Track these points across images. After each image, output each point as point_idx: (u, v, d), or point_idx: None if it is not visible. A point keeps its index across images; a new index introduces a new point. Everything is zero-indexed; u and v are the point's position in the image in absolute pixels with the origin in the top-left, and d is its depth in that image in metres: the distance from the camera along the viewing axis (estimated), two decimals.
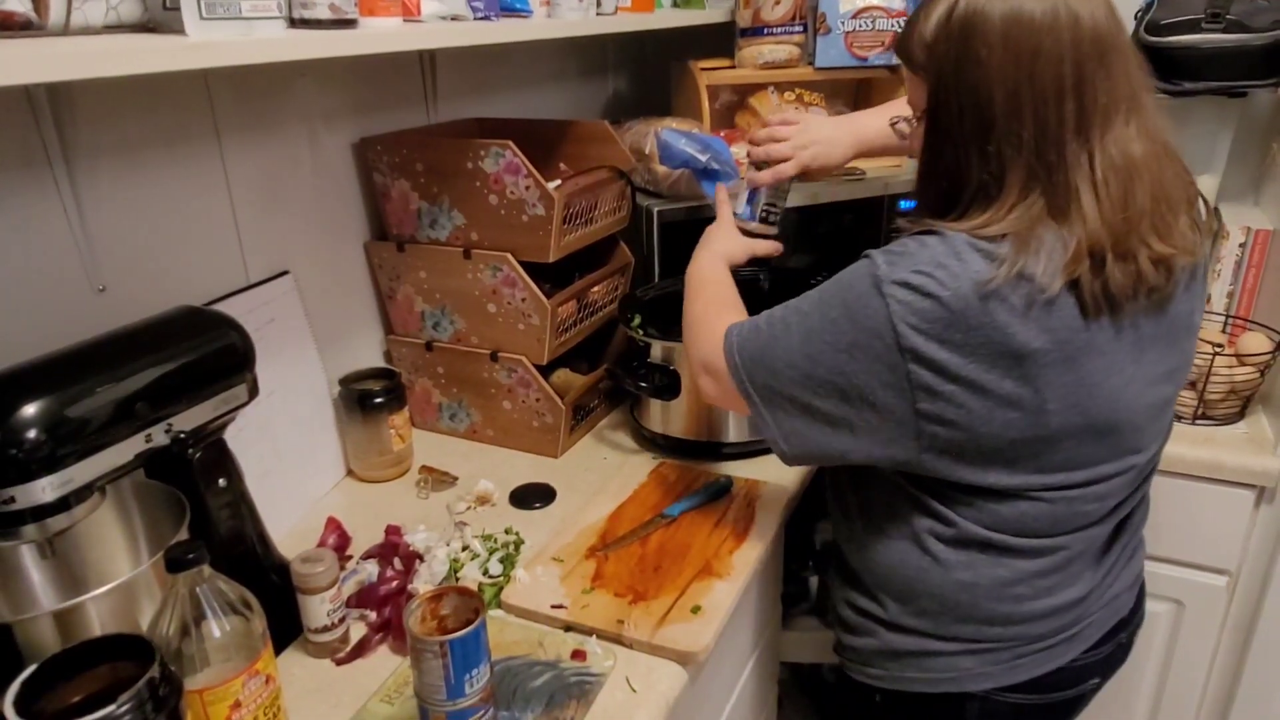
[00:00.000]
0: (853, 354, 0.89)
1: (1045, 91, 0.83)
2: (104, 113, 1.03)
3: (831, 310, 0.91)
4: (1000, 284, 0.83)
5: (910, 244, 0.88)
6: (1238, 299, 1.67)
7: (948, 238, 0.87)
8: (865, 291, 0.88)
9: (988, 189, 0.87)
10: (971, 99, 0.86)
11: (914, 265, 0.86)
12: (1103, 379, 0.88)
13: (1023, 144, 0.85)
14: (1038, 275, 0.83)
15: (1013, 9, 0.84)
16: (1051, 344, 0.85)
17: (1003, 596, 0.98)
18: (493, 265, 1.37)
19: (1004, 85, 0.84)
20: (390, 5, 1.01)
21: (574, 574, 1.12)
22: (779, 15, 1.81)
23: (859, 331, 0.88)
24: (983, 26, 0.84)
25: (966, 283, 0.83)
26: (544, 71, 1.90)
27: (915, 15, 0.93)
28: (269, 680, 0.83)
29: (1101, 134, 0.85)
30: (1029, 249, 0.84)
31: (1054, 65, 0.83)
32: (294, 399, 1.30)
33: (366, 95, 1.43)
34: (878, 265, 0.88)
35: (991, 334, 0.84)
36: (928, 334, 0.85)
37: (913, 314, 0.85)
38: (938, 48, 0.88)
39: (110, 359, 0.87)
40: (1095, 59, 0.84)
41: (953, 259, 0.85)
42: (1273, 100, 1.69)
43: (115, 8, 0.82)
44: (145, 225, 1.10)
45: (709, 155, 1.59)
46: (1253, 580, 1.53)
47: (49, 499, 0.79)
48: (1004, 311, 0.83)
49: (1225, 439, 1.51)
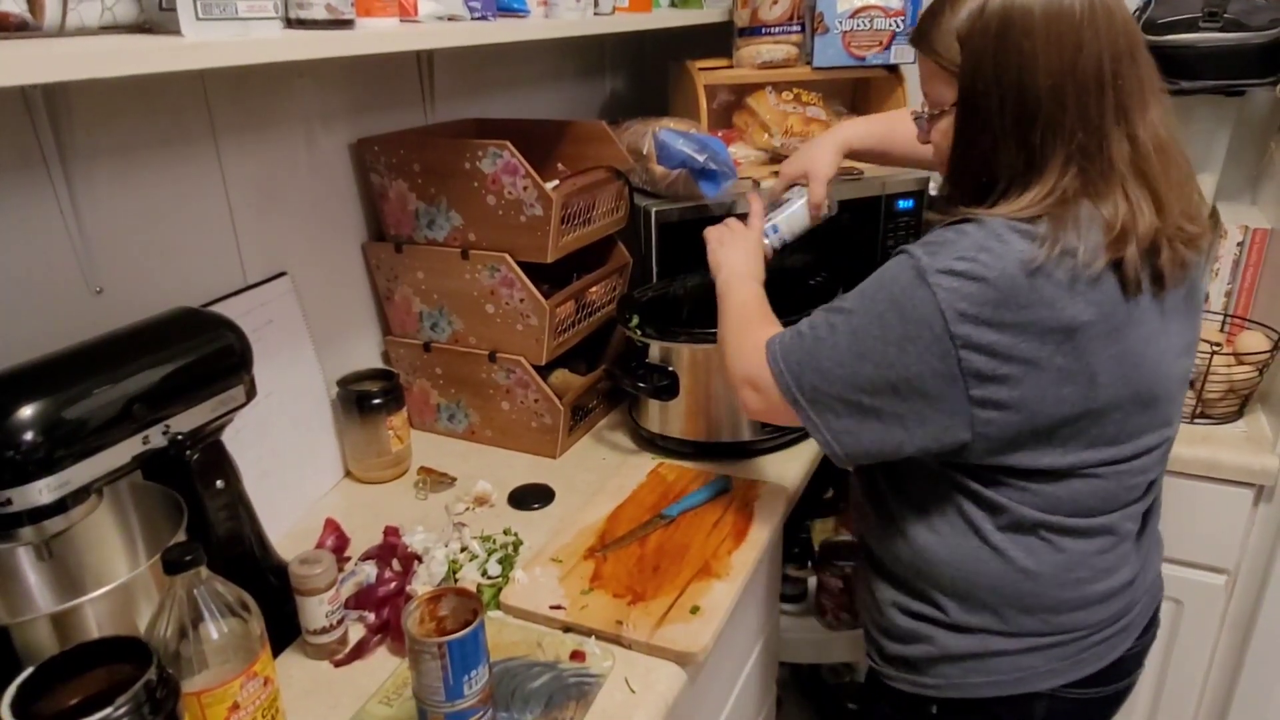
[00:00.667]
0: (903, 347, 0.89)
1: (1087, 82, 0.85)
2: (100, 114, 1.02)
3: (877, 305, 0.91)
4: (1045, 261, 0.84)
5: (948, 234, 0.90)
6: (1236, 298, 1.67)
7: (986, 224, 0.88)
8: (910, 283, 0.88)
9: (1025, 175, 0.89)
10: (1014, 92, 0.87)
11: (956, 253, 0.87)
12: (1144, 349, 0.90)
13: (1065, 131, 0.86)
14: (1080, 251, 0.85)
15: (1053, 3, 0.85)
16: (1098, 316, 0.86)
17: (1065, 581, 0.97)
18: (491, 266, 1.36)
19: (1049, 77, 0.85)
20: (387, 5, 1.01)
21: (573, 575, 1.12)
22: (777, 15, 1.81)
23: (908, 324, 0.88)
24: (1023, 20, 0.86)
25: (1012, 263, 0.85)
26: (541, 72, 1.90)
27: (938, 8, 0.93)
28: (267, 682, 0.83)
29: (1141, 118, 0.88)
30: (1067, 226, 0.86)
31: (1094, 58, 0.85)
32: (292, 400, 1.30)
33: (364, 96, 1.43)
34: (918, 258, 0.89)
35: (1041, 311, 0.85)
36: (977, 318, 0.85)
37: (961, 299, 0.86)
38: (973, 41, 0.89)
39: (107, 360, 0.87)
40: (1128, 53, 0.87)
41: (995, 241, 0.86)
42: (1270, 99, 1.69)
43: (111, 8, 0.82)
44: (142, 227, 1.10)
45: (707, 155, 1.59)
46: (1251, 579, 1.53)
47: (46, 501, 0.79)
48: (1051, 287, 0.85)
49: (1224, 438, 1.51)
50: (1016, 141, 0.89)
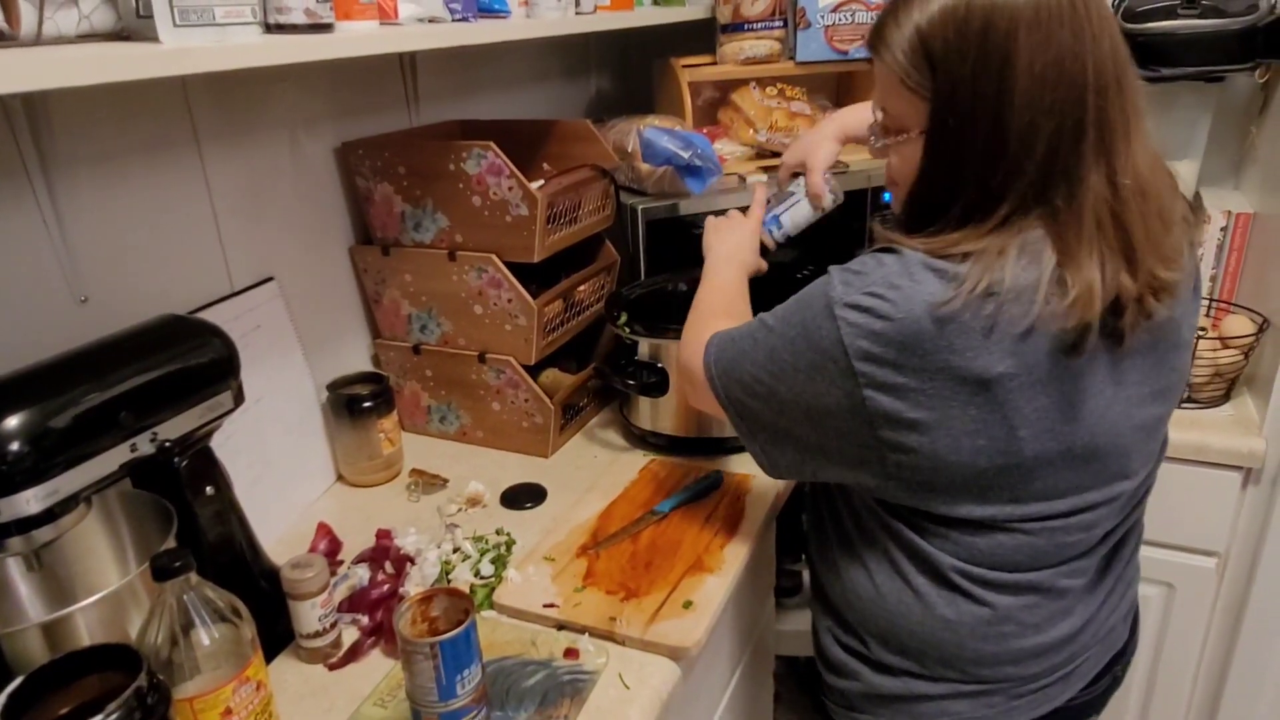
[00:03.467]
0: (811, 376, 0.85)
1: (1065, 123, 0.77)
2: (81, 122, 1.02)
3: (790, 329, 0.88)
4: (958, 306, 0.77)
5: (869, 262, 0.84)
6: (1220, 282, 1.68)
7: (904, 256, 0.82)
8: (819, 312, 0.84)
9: (975, 210, 0.81)
10: (988, 125, 0.78)
11: (866, 286, 0.81)
12: (1083, 401, 0.83)
13: (1025, 176, 0.79)
14: (1007, 299, 0.77)
15: (1039, 20, 0.76)
16: (1018, 368, 0.79)
17: (987, 635, 0.92)
18: (478, 267, 1.37)
19: (1026, 112, 0.77)
20: (366, 8, 1.01)
21: (566, 572, 1.12)
22: (759, 11, 1.81)
23: (815, 353, 0.84)
24: (1006, 42, 0.76)
25: (919, 304, 0.78)
26: (525, 72, 1.90)
27: (896, 19, 0.82)
28: (260, 687, 0.83)
29: (1124, 155, 0.80)
30: (994, 269, 0.78)
31: (1077, 93, 0.77)
32: (281, 405, 1.30)
33: (347, 99, 1.43)
34: (833, 286, 0.84)
35: (950, 358, 0.78)
36: (881, 359, 0.80)
37: (864, 338, 0.80)
38: (950, 62, 0.79)
39: (94, 369, 0.87)
40: (1115, 81, 0.79)
41: (905, 279, 0.80)
42: (1250, 84, 1.70)
43: (88, 16, 0.82)
44: (127, 235, 1.10)
45: (692, 152, 1.59)
46: (1242, 561, 1.54)
47: (34, 511, 0.78)
48: (961, 335, 0.78)
49: (1211, 422, 1.52)
50: (980, 177, 0.80)
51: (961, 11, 0.78)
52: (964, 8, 0.78)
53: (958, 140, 0.80)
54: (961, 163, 0.81)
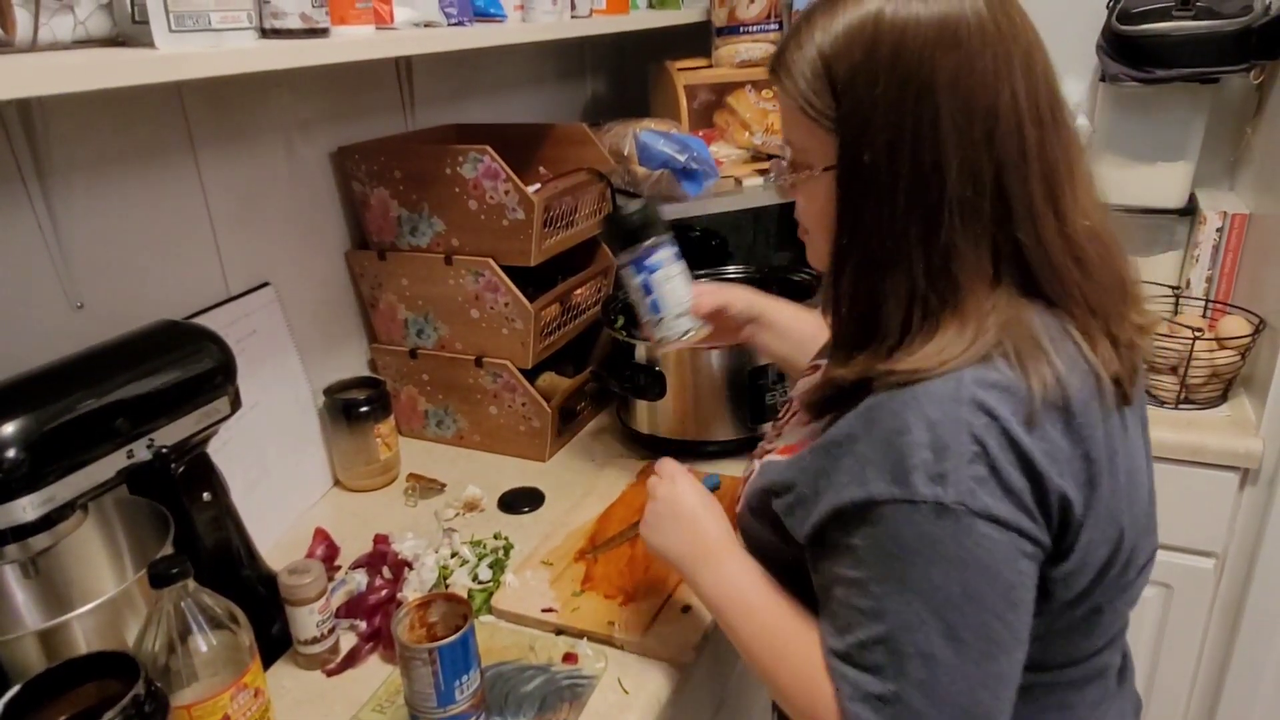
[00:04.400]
0: (1011, 599, 0.66)
1: (1005, 155, 0.67)
2: (77, 128, 1.02)
3: (950, 589, 0.65)
4: (1041, 418, 0.65)
5: (909, 422, 0.65)
6: (1216, 283, 1.69)
7: (956, 383, 0.66)
8: (955, 533, 0.64)
9: (940, 286, 0.68)
10: (910, 166, 0.67)
11: (961, 460, 0.64)
12: (1124, 463, 0.73)
13: (984, 220, 0.68)
14: (1058, 380, 0.67)
15: (963, 58, 0.66)
16: (1102, 451, 0.69)
17: None
18: (474, 271, 1.36)
19: (958, 148, 0.66)
20: (362, 13, 1.01)
21: (564, 577, 1.12)
22: (754, 14, 1.81)
23: (984, 574, 0.65)
24: (921, 71, 0.66)
25: (1020, 446, 0.65)
26: (521, 75, 1.90)
27: (798, 39, 0.72)
28: (258, 693, 0.83)
29: (1071, 202, 0.70)
30: (1032, 355, 0.67)
31: (1014, 125, 0.67)
32: (278, 411, 1.29)
33: (343, 104, 1.43)
34: (917, 492, 0.64)
35: (1059, 481, 0.66)
36: (1035, 519, 0.66)
37: (1016, 512, 0.65)
38: (856, 92, 0.68)
39: (89, 375, 0.87)
40: (1050, 114, 0.69)
41: (979, 417, 0.65)
42: (1244, 85, 1.71)
43: (83, 22, 0.82)
44: (123, 240, 1.10)
45: (688, 155, 1.60)
46: (1239, 561, 1.54)
47: (30, 518, 0.78)
48: (1046, 443, 0.66)
49: (1208, 422, 1.52)
50: (922, 237, 0.67)
51: (869, 31, 0.67)
52: (871, 26, 0.67)
53: (876, 181, 0.68)
54: (891, 208, 0.68)
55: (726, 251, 1.73)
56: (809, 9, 0.73)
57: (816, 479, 0.72)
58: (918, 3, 0.67)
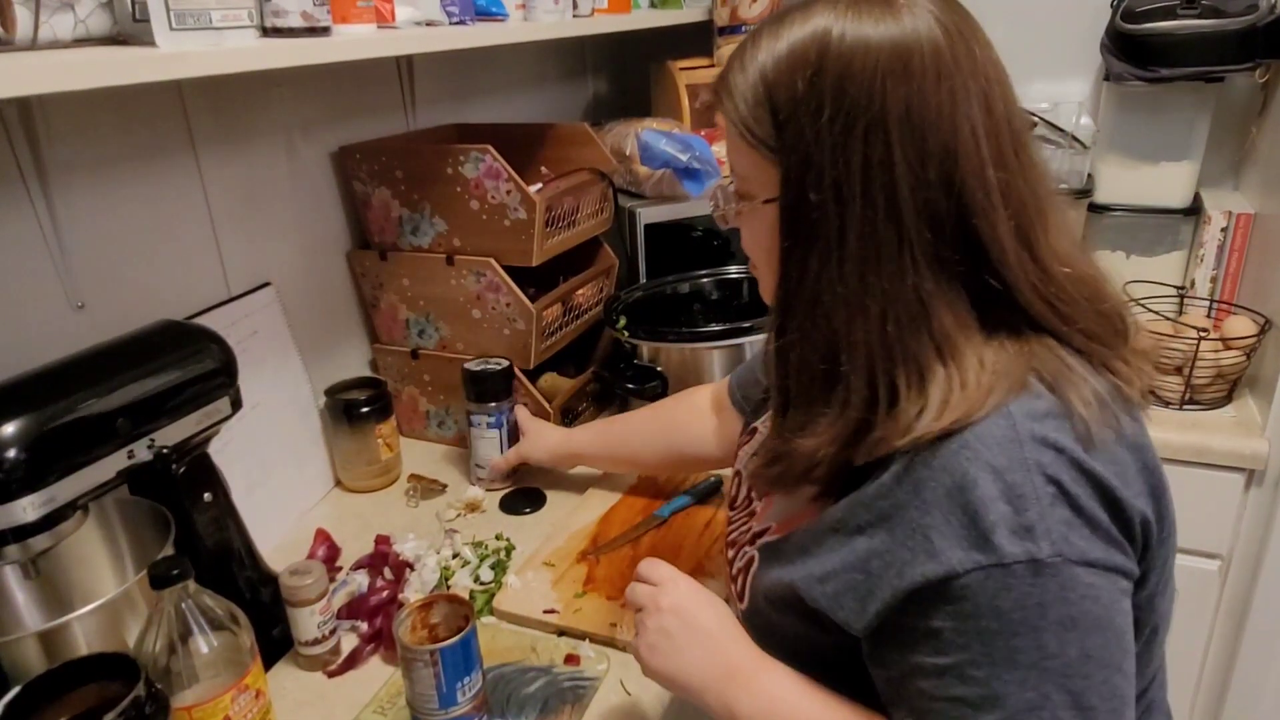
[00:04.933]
0: (1124, 646, 0.61)
1: (973, 200, 0.62)
2: (77, 128, 1.02)
3: (1068, 654, 0.58)
4: (1098, 438, 0.61)
5: (971, 475, 0.59)
6: (1221, 283, 1.68)
7: (1009, 421, 0.61)
8: (1059, 590, 0.58)
9: (917, 334, 0.63)
10: (859, 207, 0.62)
11: (1043, 505, 0.58)
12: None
13: (951, 266, 0.63)
14: (1095, 394, 0.63)
15: (914, 90, 0.61)
16: (1155, 458, 0.66)
17: None
18: (476, 271, 1.36)
19: (916, 189, 0.61)
20: (363, 12, 1.01)
21: (566, 578, 1.12)
22: (756, 13, 1.81)
23: (1098, 627, 0.59)
24: (869, 105, 0.61)
25: (1090, 473, 0.60)
26: (523, 75, 1.90)
27: (742, 60, 0.67)
28: (259, 695, 0.83)
29: (1042, 239, 0.65)
30: (1064, 375, 0.63)
31: (976, 167, 0.62)
32: (279, 411, 1.29)
33: (344, 103, 1.42)
34: (1006, 553, 0.57)
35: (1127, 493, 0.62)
36: (1127, 551, 0.62)
37: (1100, 545, 0.60)
38: (799, 123, 0.63)
39: (90, 375, 0.86)
40: (1014, 155, 0.64)
41: (1045, 452, 0.60)
42: (1249, 84, 1.70)
43: (84, 21, 0.81)
44: (123, 240, 1.09)
45: (690, 155, 1.59)
46: (1245, 563, 1.53)
47: (31, 518, 0.78)
48: (1115, 464, 0.62)
49: (1213, 423, 1.52)
50: (882, 285, 0.62)
51: (812, 57, 0.62)
52: (815, 52, 0.62)
53: (824, 223, 0.63)
54: (841, 253, 0.63)
55: (728, 252, 1.72)
56: (756, 27, 0.68)
57: (867, 561, 0.64)
58: (869, 24, 0.62)
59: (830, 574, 0.66)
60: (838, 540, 0.66)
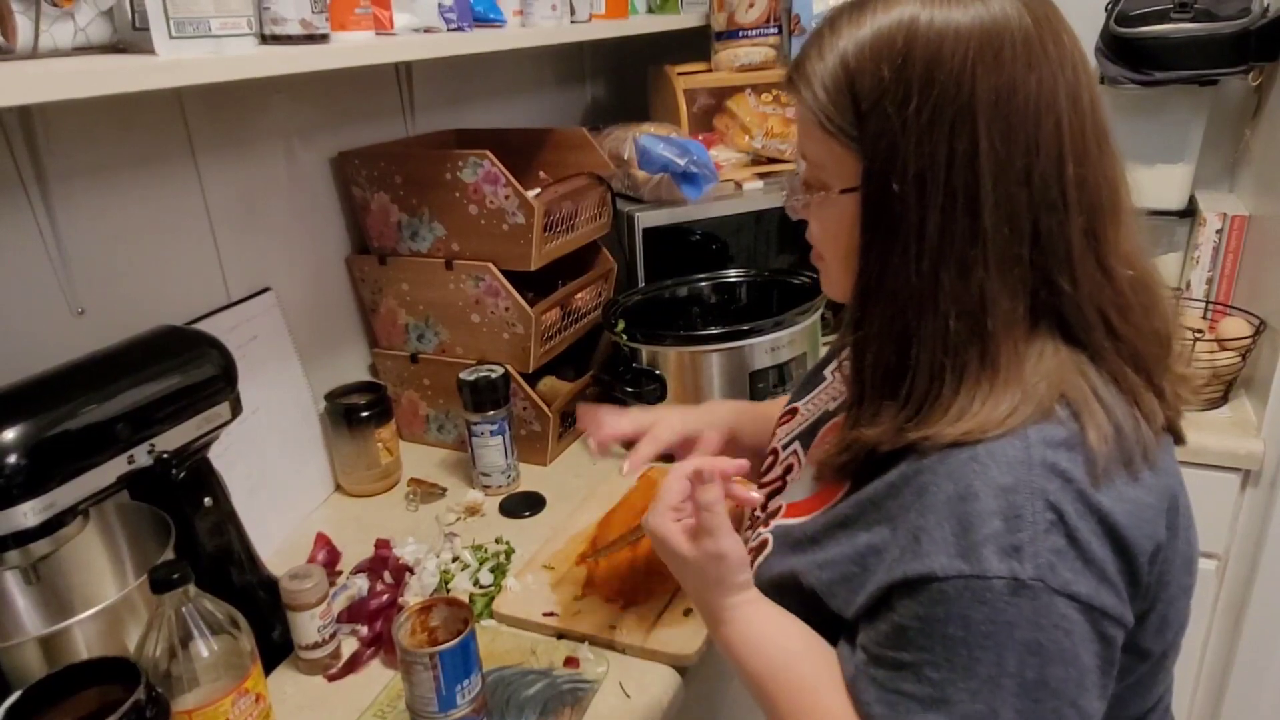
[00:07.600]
0: (1085, 684, 0.60)
1: (1048, 195, 0.61)
2: (77, 135, 1.02)
3: (1025, 676, 0.58)
4: (1108, 473, 0.60)
5: (975, 488, 0.59)
6: (1216, 285, 1.69)
7: (1024, 443, 0.60)
8: (1032, 613, 0.57)
9: (971, 335, 0.62)
10: (941, 198, 0.61)
11: (1037, 530, 0.58)
12: (1186, 495, 0.70)
13: (1021, 264, 0.62)
14: (1117, 429, 0.62)
15: (1004, 80, 0.60)
16: (1168, 494, 0.65)
17: None
18: (475, 275, 1.37)
19: (1000, 182, 0.60)
20: (362, 19, 1.01)
21: (565, 581, 1.12)
22: (753, 18, 1.82)
23: (1062, 660, 0.58)
24: (958, 94, 0.60)
25: (1102, 508, 0.59)
26: (521, 80, 1.90)
27: (820, 46, 0.65)
28: (259, 699, 0.83)
29: (1114, 243, 0.64)
30: (1088, 406, 0.61)
31: (1054, 155, 0.61)
32: (279, 416, 1.29)
33: (343, 109, 1.43)
34: (989, 567, 0.57)
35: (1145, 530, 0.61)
36: (1119, 589, 0.61)
37: (1092, 585, 0.59)
38: (883, 110, 0.61)
39: (90, 381, 0.87)
40: (1096, 144, 0.63)
41: (1052, 480, 0.59)
42: (1243, 87, 1.71)
43: (84, 29, 0.82)
44: (123, 246, 1.10)
45: (688, 159, 1.60)
46: (1242, 563, 1.53)
47: (32, 524, 0.78)
48: (1125, 502, 0.60)
49: (1209, 424, 1.52)
50: (953, 280, 0.61)
51: (899, 43, 0.61)
52: (902, 38, 0.61)
53: (905, 215, 0.62)
54: (920, 246, 0.62)
55: (727, 255, 1.73)
56: (834, 13, 0.66)
57: (865, 555, 0.65)
58: (957, 10, 0.60)
59: (830, 562, 0.69)
60: (844, 534, 0.68)
